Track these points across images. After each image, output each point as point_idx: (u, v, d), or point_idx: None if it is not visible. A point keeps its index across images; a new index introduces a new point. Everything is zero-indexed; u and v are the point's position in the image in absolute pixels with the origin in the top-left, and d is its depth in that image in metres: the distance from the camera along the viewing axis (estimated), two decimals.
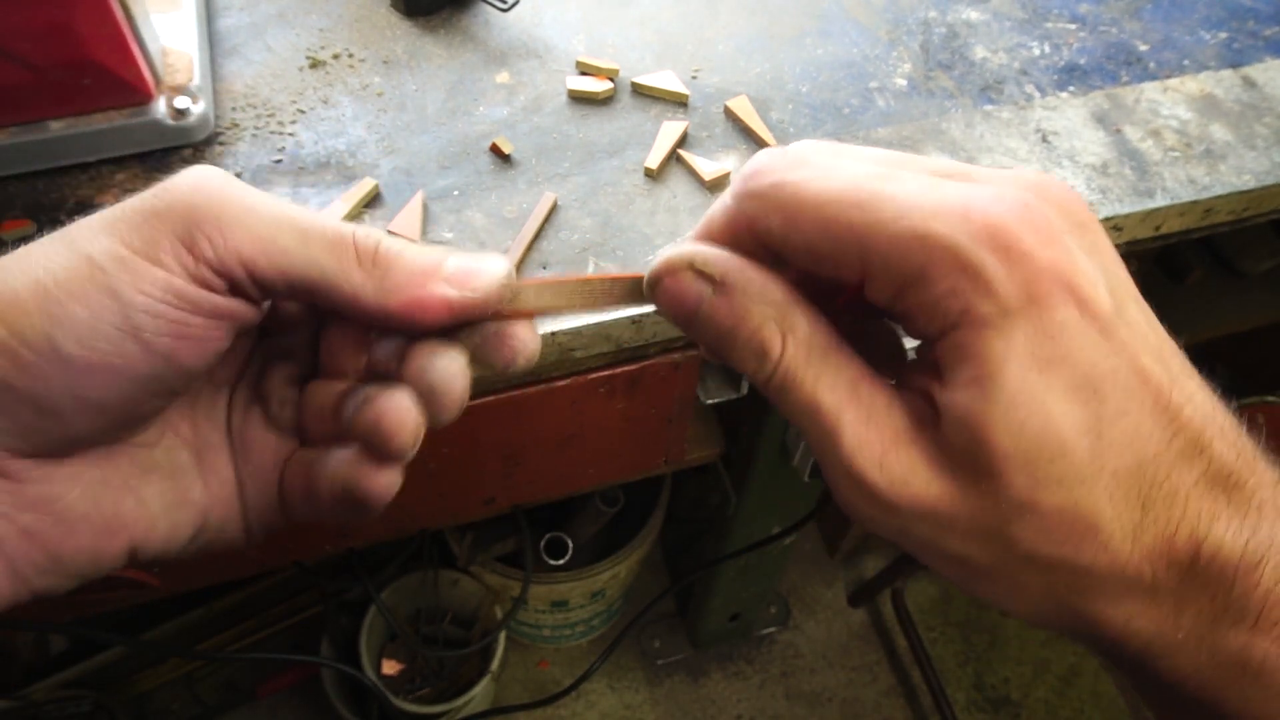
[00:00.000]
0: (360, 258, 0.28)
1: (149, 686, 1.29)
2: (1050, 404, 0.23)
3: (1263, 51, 0.70)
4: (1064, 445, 0.23)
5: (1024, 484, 0.24)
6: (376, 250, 0.28)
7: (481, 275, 0.29)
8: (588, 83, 0.62)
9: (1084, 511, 0.24)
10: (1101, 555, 0.24)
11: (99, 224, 0.28)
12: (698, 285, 0.28)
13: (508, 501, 0.74)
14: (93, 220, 0.28)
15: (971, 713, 1.49)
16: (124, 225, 0.28)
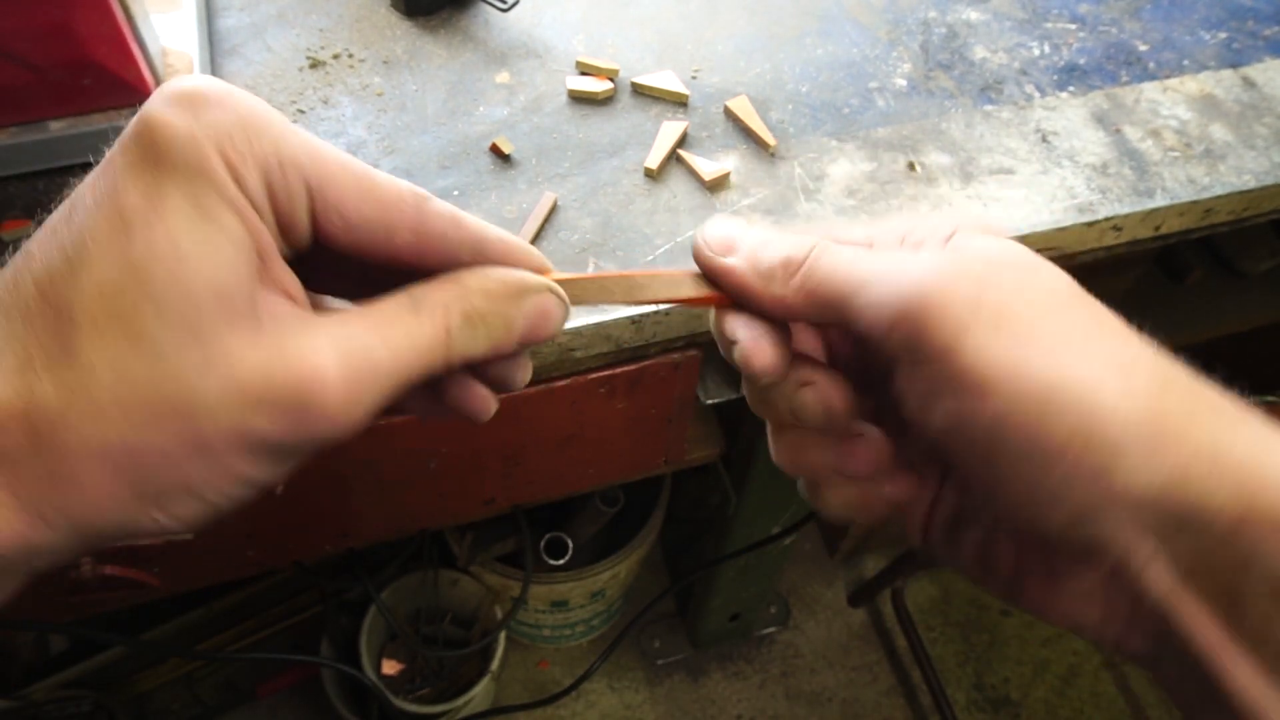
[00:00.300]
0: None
1: (149, 686, 1.29)
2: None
3: (1263, 51, 0.70)
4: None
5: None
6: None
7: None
8: (588, 83, 0.62)
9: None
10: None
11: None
12: (737, 221, 0.34)
13: (508, 501, 0.74)
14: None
15: (971, 713, 1.49)
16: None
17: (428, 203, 0.29)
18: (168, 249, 0.24)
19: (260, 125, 0.26)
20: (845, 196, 0.58)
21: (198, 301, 0.25)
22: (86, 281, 0.24)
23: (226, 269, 0.25)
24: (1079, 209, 0.59)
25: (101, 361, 0.24)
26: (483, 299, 0.30)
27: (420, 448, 0.62)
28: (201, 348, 0.25)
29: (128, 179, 0.25)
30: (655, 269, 0.35)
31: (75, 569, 0.59)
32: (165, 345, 0.24)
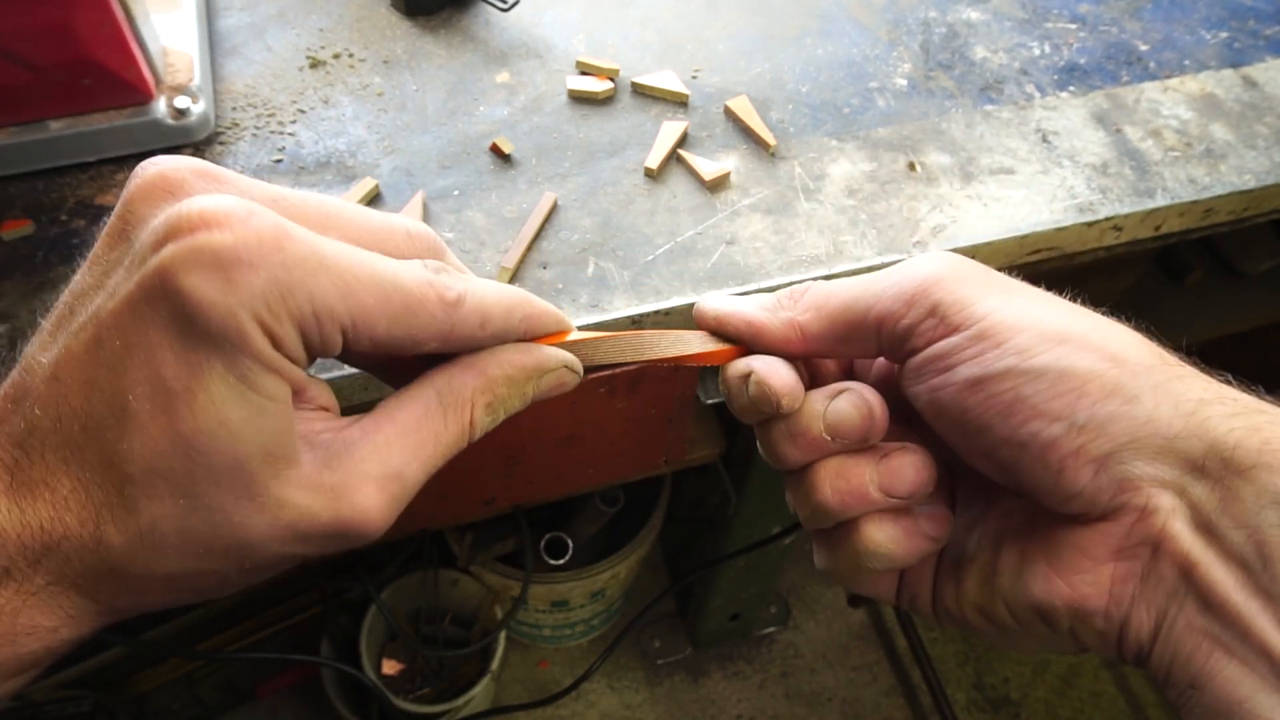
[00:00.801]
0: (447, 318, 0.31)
1: (149, 686, 1.29)
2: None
3: (1263, 51, 0.70)
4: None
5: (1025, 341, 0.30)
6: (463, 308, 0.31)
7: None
8: (588, 83, 0.62)
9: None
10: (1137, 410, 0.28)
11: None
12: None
13: (508, 501, 0.74)
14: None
15: (971, 713, 1.49)
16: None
17: (457, 310, 0.30)
18: (214, 424, 0.26)
19: (295, 279, 0.26)
20: (845, 196, 0.58)
21: (246, 465, 0.27)
22: (137, 445, 0.26)
23: (269, 430, 0.27)
24: (1079, 209, 0.59)
25: (162, 518, 0.27)
26: (505, 387, 0.32)
27: None
28: (253, 501, 0.27)
29: (163, 345, 0.26)
30: (663, 330, 0.36)
31: None
32: (219, 504, 0.27)
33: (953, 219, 0.57)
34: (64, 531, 0.26)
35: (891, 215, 0.57)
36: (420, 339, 0.29)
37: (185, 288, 0.25)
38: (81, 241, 0.51)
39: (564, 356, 0.34)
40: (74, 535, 0.26)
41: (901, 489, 0.33)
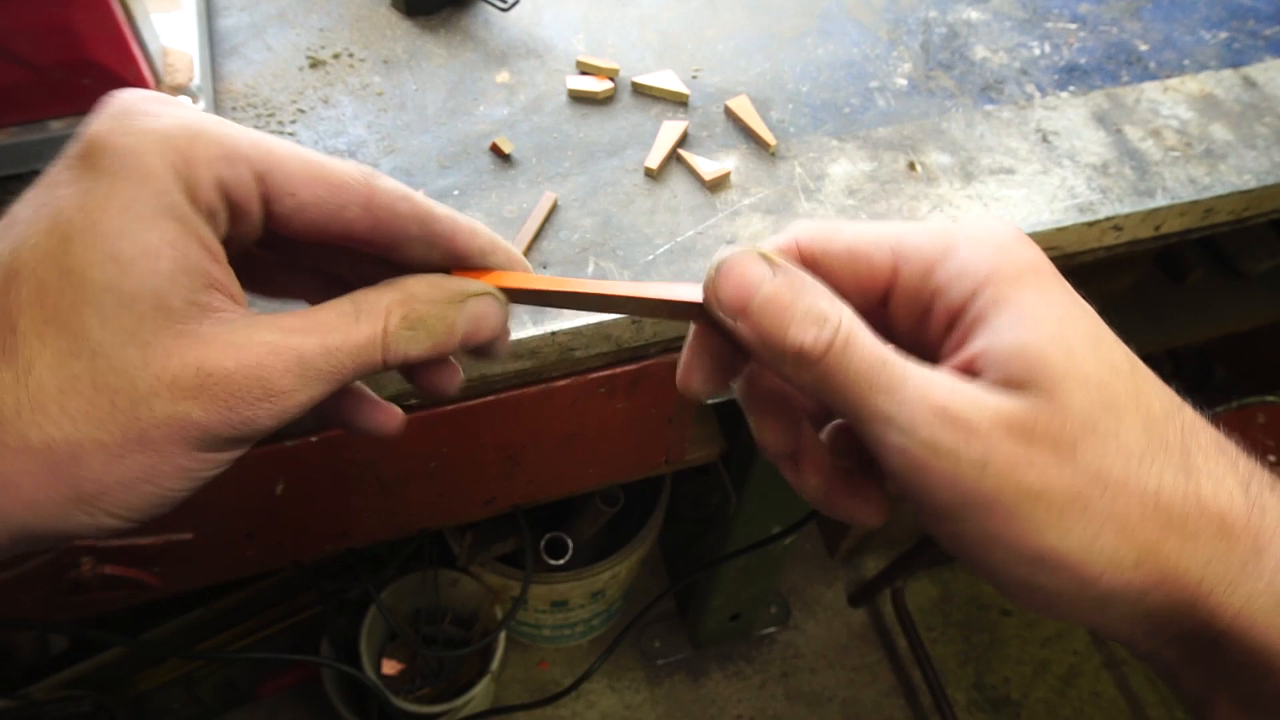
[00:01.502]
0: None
1: (149, 686, 1.29)
2: (1086, 338, 0.27)
3: (1263, 51, 0.70)
4: (1114, 367, 0.27)
5: (1082, 402, 0.26)
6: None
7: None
8: (588, 82, 0.62)
9: (1128, 440, 0.27)
10: (1165, 485, 0.27)
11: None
12: (760, 267, 0.29)
13: (508, 501, 0.73)
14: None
15: (971, 713, 1.49)
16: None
17: (376, 179, 0.30)
18: (105, 254, 0.25)
19: (201, 128, 0.27)
20: (845, 196, 0.58)
21: (136, 305, 0.25)
22: (26, 290, 0.25)
23: (165, 275, 0.26)
24: (1079, 209, 0.59)
25: (40, 361, 0.25)
26: (425, 303, 0.31)
27: (420, 448, 0.62)
28: (139, 348, 0.26)
29: (67, 190, 0.26)
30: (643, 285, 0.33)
31: (75, 568, 0.59)
32: (104, 345, 0.25)
33: (953, 219, 0.57)
34: None
35: (892, 215, 0.57)
36: (342, 202, 0.29)
37: (97, 135, 0.26)
38: None
39: (487, 286, 0.32)
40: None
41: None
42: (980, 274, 0.28)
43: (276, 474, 0.58)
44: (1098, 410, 0.26)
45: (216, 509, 0.60)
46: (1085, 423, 0.26)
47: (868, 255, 0.30)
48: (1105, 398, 0.27)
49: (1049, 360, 0.26)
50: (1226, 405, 1.10)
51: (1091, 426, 0.26)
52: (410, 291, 0.31)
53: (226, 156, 0.27)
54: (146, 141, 0.26)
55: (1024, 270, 0.29)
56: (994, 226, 0.30)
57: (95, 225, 0.25)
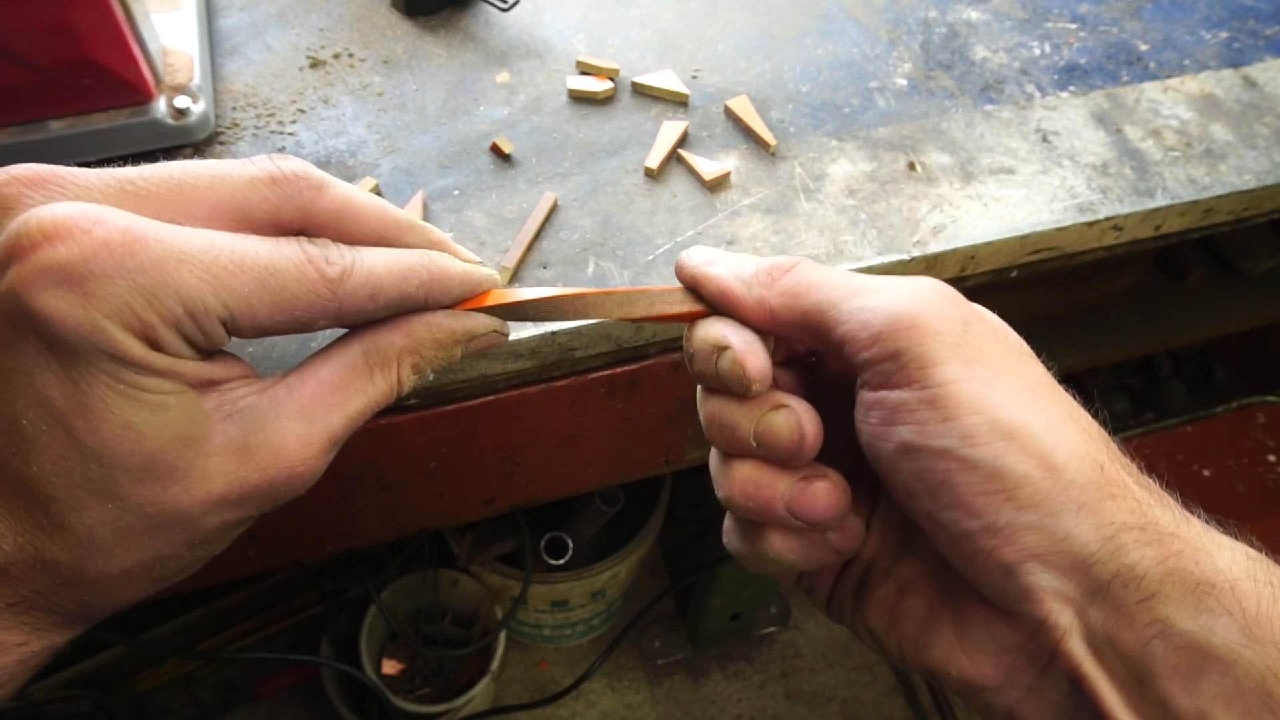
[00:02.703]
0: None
1: (149, 686, 1.29)
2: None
3: (1263, 51, 0.70)
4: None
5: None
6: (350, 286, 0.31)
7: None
8: (588, 82, 0.62)
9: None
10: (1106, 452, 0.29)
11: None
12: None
13: (508, 501, 0.73)
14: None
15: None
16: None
17: (344, 286, 0.29)
18: (118, 430, 0.26)
19: (155, 282, 0.25)
20: (845, 196, 0.58)
21: (163, 455, 0.27)
22: (47, 466, 0.26)
23: (177, 422, 0.27)
24: (1079, 209, 0.59)
25: (97, 525, 0.27)
26: (433, 349, 0.32)
27: (420, 448, 0.62)
28: (179, 484, 0.27)
29: (37, 366, 0.25)
30: (631, 289, 0.35)
31: None
32: (147, 497, 0.27)
33: (953, 219, 0.57)
34: (4, 559, 0.26)
35: (891, 215, 0.57)
36: (307, 319, 0.29)
37: (42, 310, 0.24)
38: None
39: (491, 322, 0.34)
40: (15, 560, 0.26)
41: (810, 516, 0.32)
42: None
43: None
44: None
45: None
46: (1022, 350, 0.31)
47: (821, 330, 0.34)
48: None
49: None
50: (1226, 405, 1.10)
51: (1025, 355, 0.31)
52: (418, 340, 0.32)
53: (189, 314, 0.26)
54: (104, 313, 0.25)
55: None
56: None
57: (92, 404, 0.26)
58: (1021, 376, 0.29)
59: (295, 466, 0.29)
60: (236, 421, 0.29)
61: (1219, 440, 1.07)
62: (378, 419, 0.54)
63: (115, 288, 0.25)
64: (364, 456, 0.60)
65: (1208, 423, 1.08)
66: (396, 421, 0.55)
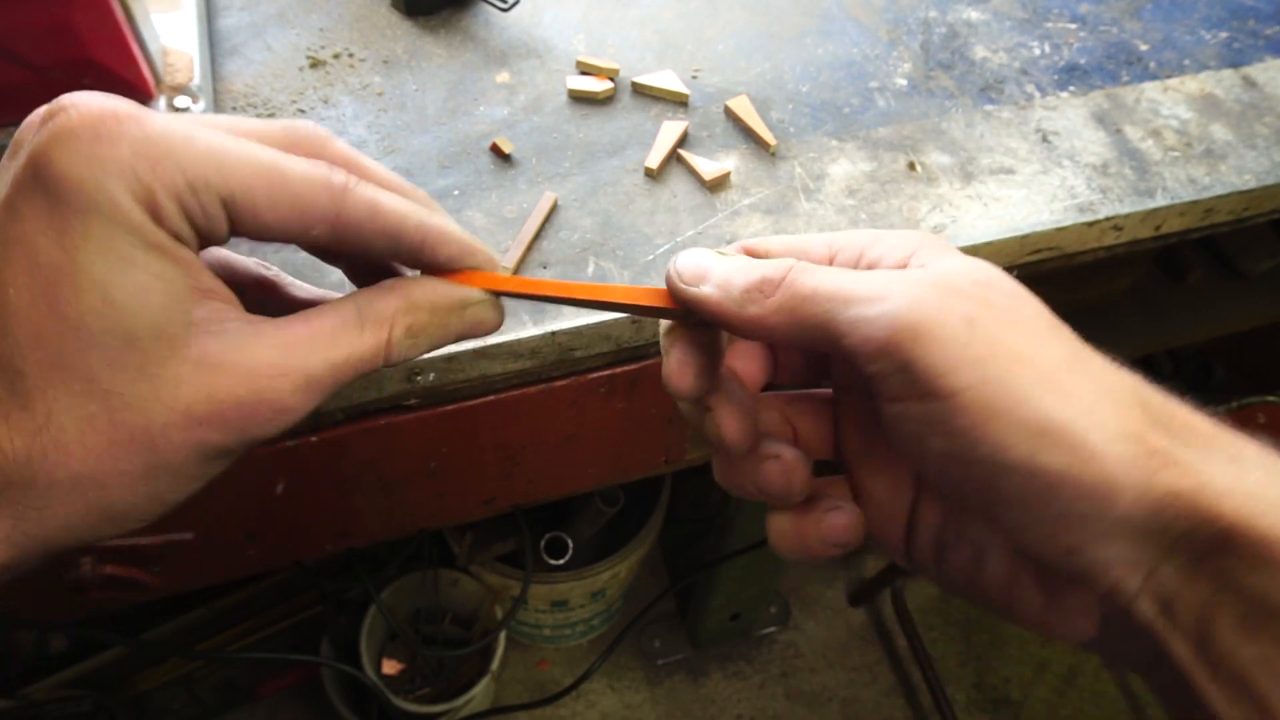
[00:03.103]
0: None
1: (149, 686, 1.29)
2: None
3: (1263, 51, 0.70)
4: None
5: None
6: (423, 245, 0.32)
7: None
8: (588, 82, 0.62)
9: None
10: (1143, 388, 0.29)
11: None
12: (711, 253, 0.33)
13: (508, 501, 0.73)
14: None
15: (971, 713, 1.49)
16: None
17: (347, 195, 0.29)
18: (98, 300, 0.26)
19: (161, 150, 0.26)
20: (845, 196, 0.58)
21: (138, 343, 0.26)
22: (22, 335, 0.25)
23: (158, 306, 0.27)
24: (1079, 209, 0.59)
25: (59, 409, 0.26)
26: (427, 313, 0.32)
27: (420, 448, 0.62)
28: (149, 382, 0.27)
29: (38, 229, 0.25)
30: (626, 287, 0.35)
31: (75, 568, 0.59)
32: (115, 384, 0.26)
33: (953, 219, 0.57)
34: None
35: (892, 215, 0.57)
36: (306, 223, 0.29)
37: (52, 163, 0.25)
38: None
39: (485, 294, 0.33)
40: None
41: (825, 547, 0.34)
42: (909, 247, 0.31)
43: (277, 474, 0.58)
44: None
45: (216, 509, 0.60)
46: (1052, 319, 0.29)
47: (805, 248, 0.33)
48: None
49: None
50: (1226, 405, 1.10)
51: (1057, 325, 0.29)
52: (413, 301, 0.32)
53: (190, 185, 0.27)
54: (108, 172, 0.25)
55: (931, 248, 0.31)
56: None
57: (79, 270, 0.25)
58: (1042, 360, 0.28)
59: (264, 393, 0.28)
60: (215, 339, 0.28)
61: None
62: (377, 419, 0.54)
63: (122, 150, 0.26)
64: (364, 456, 0.60)
65: None
66: (396, 421, 0.55)
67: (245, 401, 0.28)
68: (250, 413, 0.28)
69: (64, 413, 0.26)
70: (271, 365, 0.28)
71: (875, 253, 0.32)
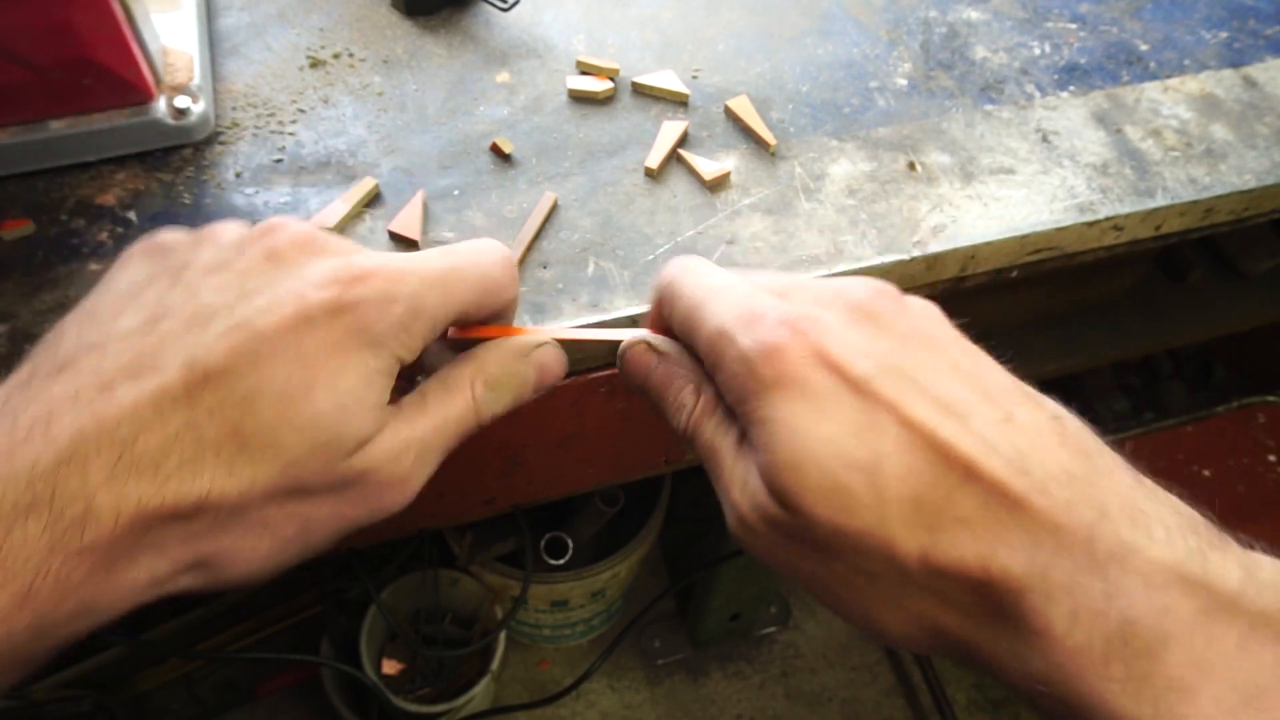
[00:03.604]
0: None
1: (149, 686, 1.29)
2: (822, 452, 0.30)
3: (1263, 51, 0.70)
4: (843, 483, 0.29)
5: (824, 514, 0.30)
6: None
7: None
8: (588, 82, 0.62)
9: (880, 535, 0.29)
10: (906, 569, 0.29)
11: None
12: (649, 356, 0.39)
13: (508, 501, 0.74)
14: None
15: (971, 713, 1.49)
16: None
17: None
18: (336, 409, 0.31)
19: (418, 309, 0.33)
20: (845, 196, 0.58)
21: (342, 448, 0.32)
22: (266, 416, 0.30)
23: (369, 423, 0.32)
24: (1080, 209, 0.59)
25: (255, 480, 0.30)
26: (496, 366, 0.37)
27: None
28: (329, 470, 0.32)
29: (322, 343, 0.31)
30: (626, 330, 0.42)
31: None
32: (305, 472, 0.31)
33: (953, 219, 0.57)
34: (159, 504, 0.29)
35: (892, 215, 0.57)
36: (494, 311, 0.37)
37: (363, 317, 0.32)
38: (81, 241, 0.51)
39: (544, 337, 0.39)
40: (169, 507, 0.29)
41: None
42: (738, 392, 0.33)
43: None
44: (840, 516, 0.29)
45: None
46: (832, 528, 0.30)
47: (689, 345, 0.37)
48: (843, 502, 0.29)
49: (789, 484, 0.30)
50: (1226, 405, 1.10)
51: (838, 529, 0.30)
52: (481, 361, 0.37)
53: (433, 327, 0.34)
54: (386, 324, 0.32)
55: (776, 380, 0.31)
56: (774, 321, 0.32)
57: (335, 380, 0.31)
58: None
59: (397, 473, 0.34)
60: (378, 443, 0.34)
61: (1219, 440, 1.07)
62: None
63: (400, 310, 0.33)
64: None
65: (1208, 423, 1.08)
66: None
67: (384, 484, 0.34)
68: (386, 493, 0.34)
69: (258, 485, 0.30)
70: (402, 447, 0.34)
71: (722, 381, 0.34)
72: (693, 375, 0.37)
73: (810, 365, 0.31)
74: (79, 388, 0.29)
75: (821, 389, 0.30)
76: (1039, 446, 0.30)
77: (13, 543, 0.26)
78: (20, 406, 0.29)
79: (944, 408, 0.30)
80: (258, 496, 0.30)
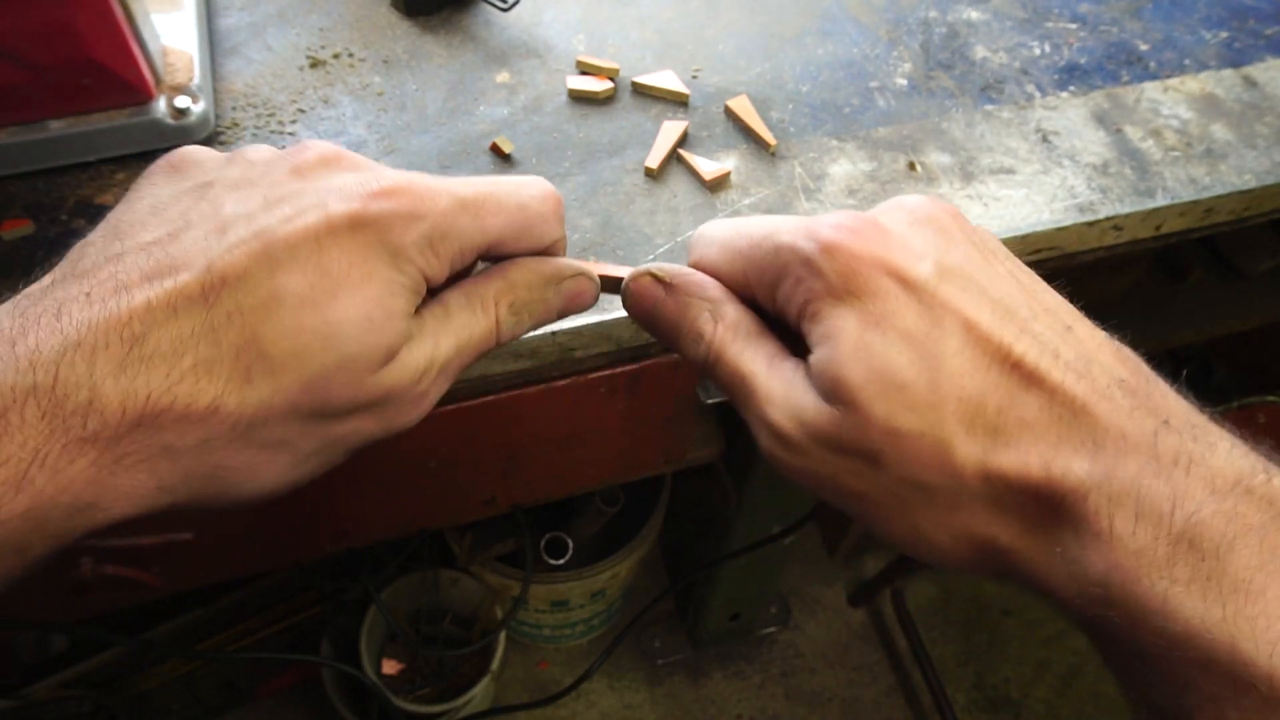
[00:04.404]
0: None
1: (149, 686, 1.29)
2: (884, 349, 0.29)
3: (1263, 51, 0.70)
4: (903, 379, 0.29)
5: (881, 412, 0.29)
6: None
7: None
8: (588, 82, 0.62)
9: (937, 436, 0.29)
10: (961, 477, 0.29)
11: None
12: (654, 288, 0.36)
13: (508, 501, 0.74)
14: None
15: (971, 713, 1.49)
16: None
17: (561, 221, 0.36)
18: (362, 319, 0.30)
19: (445, 231, 0.32)
20: (845, 196, 0.58)
21: (371, 362, 0.31)
22: (286, 323, 0.29)
23: (397, 335, 0.31)
24: (1080, 209, 0.59)
25: (277, 391, 0.29)
26: (525, 290, 0.35)
27: (420, 448, 0.62)
28: (356, 388, 0.31)
29: (345, 253, 0.30)
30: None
31: (76, 568, 0.59)
32: (332, 388, 0.30)
33: None
34: (170, 403, 0.28)
35: None
36: (533, 249, 0.36)
37: (383, 230, 0.31)
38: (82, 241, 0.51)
39: (579, 265, 0.37)
40: (180, 408, 0.28)
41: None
42: (801, 299, 0.32)
43: None
44: (896, 417, 0.29)
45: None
46: (885, 431, 0.29)
47: (732, 280, 0.35)
48: (902, 399, 0.29)
49: (846, 378, 0.29)
50: (1226, 405, 1.10)
51: (891, 432, 0.29)
52: (512, 281, 0.35)
53: (462, 251, 0.33)
54: (411, 238, 0.31)
55: (842, 282, 0.31)
56: (834, 226, 0.31)
57: (359, 288, 0.30)
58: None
59: (420, 387, 0.33)
60: (400, 361, 0.33)
61: None
62: None
63: (428, 226, 0.31)
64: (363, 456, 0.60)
65: None
66: None
67: (406, 401, 0.32)
68: (405, 411, 0.33)
69: (279, 395, 0.29)
70: (426, 364, 0.33)
71: (784, 292, 0.33)
72: (708, 303, 0.35)
73: (872, 265, 0.30)
74: (92, 288, 0.28)
75: (883, 288, 0.30)
76: (1099, 357, 0.30)
77: (9, 424, 0.25)
78: (31, 304, 0.28)
79: (1006, 312, 0.30)
80: (277, 412, 0.29)
